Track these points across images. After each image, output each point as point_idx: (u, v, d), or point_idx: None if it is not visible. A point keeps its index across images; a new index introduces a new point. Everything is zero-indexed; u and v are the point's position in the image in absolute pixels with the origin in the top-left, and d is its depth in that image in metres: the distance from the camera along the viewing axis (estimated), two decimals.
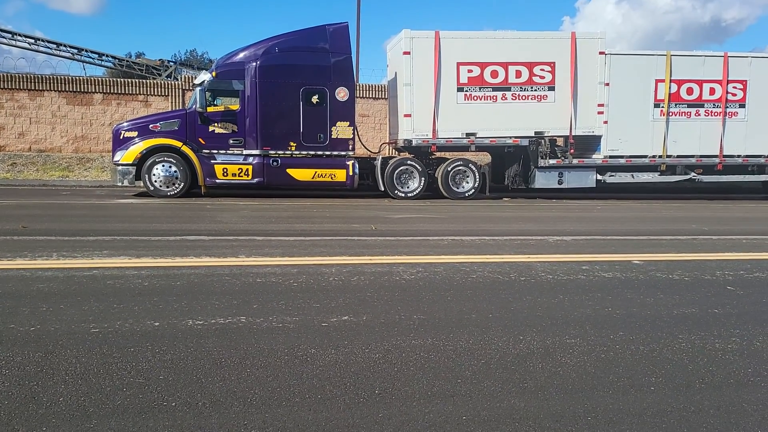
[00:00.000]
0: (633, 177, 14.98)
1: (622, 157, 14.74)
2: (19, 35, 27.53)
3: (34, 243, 6.50)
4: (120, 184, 13.27)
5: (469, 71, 14.11)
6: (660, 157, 14.86)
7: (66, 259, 5.62)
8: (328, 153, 13.79)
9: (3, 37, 27.19)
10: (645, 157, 14.84)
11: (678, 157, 14.94)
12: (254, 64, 13.36)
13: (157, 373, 2.93)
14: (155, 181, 13.08)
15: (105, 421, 2.44)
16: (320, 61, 13.62)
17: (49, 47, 27.60)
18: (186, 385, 2.81)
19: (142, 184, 13.20)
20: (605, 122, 14.49)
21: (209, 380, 2.87)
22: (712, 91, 14.79)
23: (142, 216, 9.94)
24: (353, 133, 13.94)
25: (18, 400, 2.61)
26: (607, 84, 14.41)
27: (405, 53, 14.01)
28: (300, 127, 13.55)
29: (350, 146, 13.88)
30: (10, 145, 19.39)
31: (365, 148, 16.06)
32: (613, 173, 14.85)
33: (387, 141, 17.20)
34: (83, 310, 3.94)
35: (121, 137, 13.34)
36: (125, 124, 13.88)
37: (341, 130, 13.79)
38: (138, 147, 13.09)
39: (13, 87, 19.33)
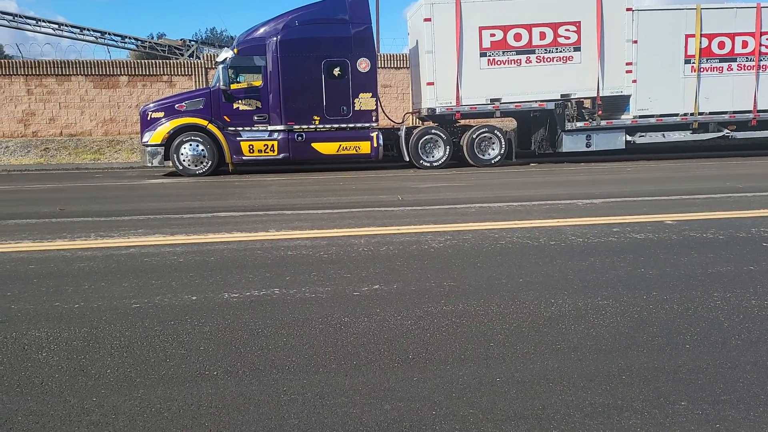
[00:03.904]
0: (664, 136, 14.64)
1: (652, 116, 14.41)
2: (43, 21, 27.81)
3: (72, 224, 6.69)
4: (150, 164, 13.50)
5: (492, 35, 13.86)
6: (692, 114, 14.48)
7: (104, 238, 5.78)
8: (351, 125, 13.78)
9: (27, 24, 27.53)
10: (676, 115, 14.47)
11: (710, 114, 14.54)
12: (275, 39, 13.33)
13: (198, 344, 3.03)
14: (183, 160, 13.26)
15: (151, 390, 2.54)
16: (340, 33, 13.53)
17: (72, 32, 27.85)
18: (226, 354, 2.90)
19: (171, 164, 13.40)
20: (634, 81, 14.15)
21: (248, 350, 2.95)
22: (744, 44, 14.29)
23: (174, 195, 10.12)
24: (376, 104, 13.89)
25: (68, 373, 2.73)
26: (635, 41, 14.03)
27: (426, 20, 13.81)
28: (323, 100, 13.54)
29: (373, 117, 13.84)
30: (41, 130, 19.81)
31: (389, 118, 15.99)
32: (643, 133, 14.54)
33: (410, 111, 17.10)
34: (123, 286, 4.07)
35: (149, 118, 13.53)
36: (152, 105, 14.05)
37: (364, 101, 13.74)
38: (165, 127, 13.26)
39: (41, 73, 19.66)
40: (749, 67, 14.38)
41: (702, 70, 14.26)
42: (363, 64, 13.63)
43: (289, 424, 2.25)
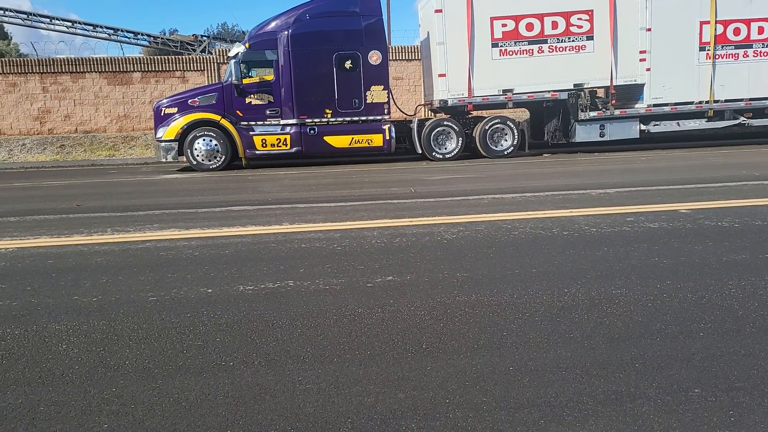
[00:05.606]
0: (679, 125, 14.49)
1: (666, 104, 14.25)
2: (57, 19, 28.04)
3: (88, 220, 6.78)
4: (164, 160, 13.61)
5: (504, 25, 13.78)
6: (707, 102, 14.31)
7: (120, 233, 5.86)
8: (363, 118, 13.78)
9: (41, 22, 27.77)
10: (691, 103, 14.31)
11: (726, 101, 14.35)
12: (286, 32, 13.35)
13: (214, 336, 3.07)
14: (197, 156, 13.36)
15: (169, 380, 2.59)
16: (351, 26, 13.52)
17: (86, 29, 28.04)
18: (241, 346, 2.94)
19: (185, 159, 13.51)
20: (648, 69, 14.01)
21: (263, 341, 2.99)
22: (760, 31, 14.07)
23: (188, 190, 10.20)
24: (388, 97, 13.88)
25: (88, 365, 2.79)
26: (649, 29, 13.87)
27: (437, 11, 13.77)
28: (335, 93, 13.56)
29: (385, 110, 13.84)
30: (57, 127, 20.04)
31: (401, 111, 15.98)
32: (657, 122, 14.40)
33: (422, 103, 17.05)
34: (140, 280, 4.13)
35: (162, 114, 13.63)
36: (165, 100, 14.14)
37: (376, 94, 13.73)
38: (179, 123, 13.35)
39: (56, 71, 19.88)
40: (765, 54, 14.16)
41: (717, 57, 14.07)
42: (374, 57, 13.62)
43: (304, 412, 2.28)
